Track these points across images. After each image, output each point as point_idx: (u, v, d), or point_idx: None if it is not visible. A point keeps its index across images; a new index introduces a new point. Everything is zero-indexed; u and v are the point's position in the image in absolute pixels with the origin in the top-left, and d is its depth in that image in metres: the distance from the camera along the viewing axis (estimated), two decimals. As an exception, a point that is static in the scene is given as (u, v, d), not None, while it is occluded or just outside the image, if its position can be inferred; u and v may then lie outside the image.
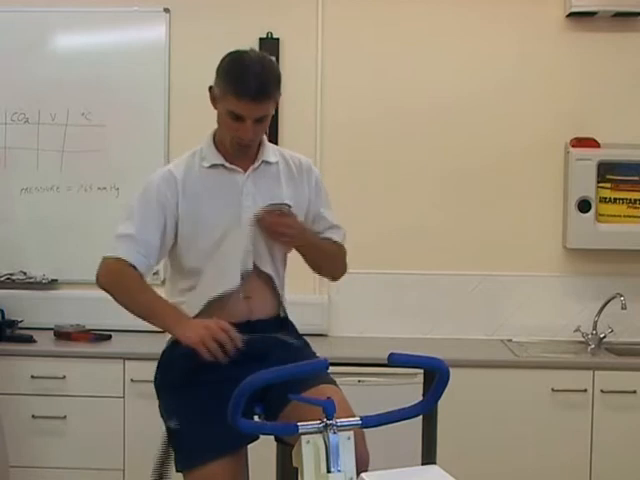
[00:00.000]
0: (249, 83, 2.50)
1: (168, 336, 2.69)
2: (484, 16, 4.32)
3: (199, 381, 2.55)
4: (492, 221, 4.35)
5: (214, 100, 2.61)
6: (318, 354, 2.73)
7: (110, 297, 2.61)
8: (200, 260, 2.62)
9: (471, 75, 4.34)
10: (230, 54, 2.61)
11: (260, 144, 2.69)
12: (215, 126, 2.67)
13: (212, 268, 2.62)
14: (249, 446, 2.59)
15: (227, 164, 2.63)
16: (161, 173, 2.65)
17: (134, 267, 2.57)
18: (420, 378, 3.70)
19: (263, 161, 2.68)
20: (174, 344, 2.64)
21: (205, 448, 2.50)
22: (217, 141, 2.66)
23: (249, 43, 4.21)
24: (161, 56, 4.35)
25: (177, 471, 2.60)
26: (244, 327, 2.59)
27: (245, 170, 2.65)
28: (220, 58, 2.60)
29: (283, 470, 3.12)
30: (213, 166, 2.64)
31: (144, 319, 2.59)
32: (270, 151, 2.72)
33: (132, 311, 2.61)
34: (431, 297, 4.34)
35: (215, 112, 2.63)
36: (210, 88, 2.61)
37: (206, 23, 4.34)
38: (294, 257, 2.83)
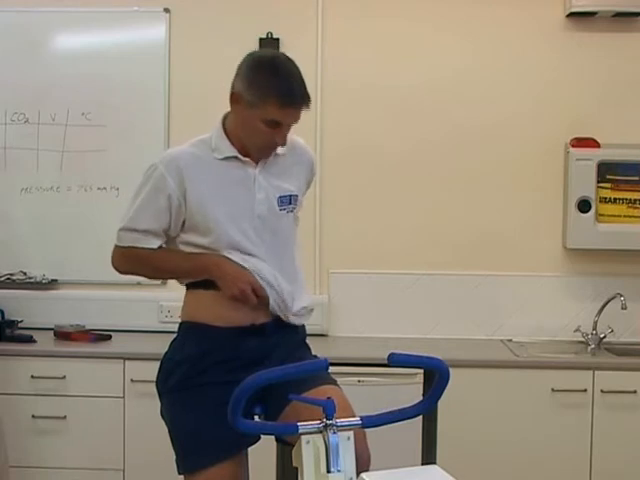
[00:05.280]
0: (294, 91, 2.50)
1: (169, 337, 2.70)
2: (484, 16, 4.32)
3: (201, 385, 2.55)
4: (492, 221, 4.35)
5: (237, 103, 2.55)
6: (318, 354, 2.73)
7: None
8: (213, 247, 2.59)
9: (471, 75, 4.34)
10: (256, 59, 2.57)
11: None
12: (212, 125, 2.66)
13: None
14: (249, 447, 2.60)
15: (241, 157, 2.60)
16: (165, 162, 2.58)
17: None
18: (420, 378, 3.71)
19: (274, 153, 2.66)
20: (176, 347, 2.65)
21: (207, 451, 2.51)
22: (229, 133, 2.61)
23: (249, 43, 4.25)
24: (161, 56, 4.34)
25: (179, 474, 2.60)
26: (249, 331, 2.60)
27: (256, 162, 2.63)
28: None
29: (283, 470, 3.13)
30: (226, 158, 2.60)
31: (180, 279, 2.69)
32: None
33: (163, 279, 2.66)
34: (431, 297, 4.34)
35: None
36: (233, 93, 2.55)
37: (206, 23, 4.34)
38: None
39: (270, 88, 2.48)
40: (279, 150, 2.66)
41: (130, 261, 2.64)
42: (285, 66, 2.53)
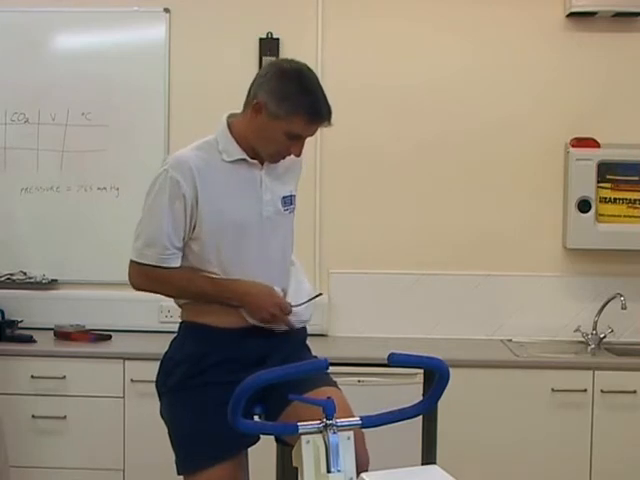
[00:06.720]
0: (322, 109, 2.55)
1: (169, 337, 2.69)
2: (484, 16, 4.32)
3: (201, 385, 2.55)
4: (492, 221, 4.35)
5: (258, 112, 2.52)
6: (318, 354, 2.73)
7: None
8: (221, 255, 2.58)
9: (471, 75, 4.34)
10: (283, 70, 2.56)
11: None
12: (213, 126, 2.65)
13: (235, 265, 2.59)
14: (249, 448, 2.60)
15: (249, 159, 2.60)
16: (175, 165, 2.54)
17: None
18: (420, 378, 3.71)
19: None
20: (176, 347, 2.65)
21: (206, 452, 2.51)
22: (235, 135, 2.60)
23: (249, 43, 4.26)
24: (161, 56, 4.34)
25: (179, 474, 2.60)
26: (249, 331, 2.60)
27: (261, 164, 2.63)
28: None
29: (283, 470, 3.13)
30: (235, 160, 2.59)
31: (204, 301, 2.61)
32: None
33: (183, 299, 2.64)
34: (431, 297, 4.34)
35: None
36: (256, 103, 2.52)
37: (206, 23, 4.34)
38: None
39: (299, 104, 2.51)
40: None
41: (150, 280, 2.57)
42: (312, 81, 2.56)
